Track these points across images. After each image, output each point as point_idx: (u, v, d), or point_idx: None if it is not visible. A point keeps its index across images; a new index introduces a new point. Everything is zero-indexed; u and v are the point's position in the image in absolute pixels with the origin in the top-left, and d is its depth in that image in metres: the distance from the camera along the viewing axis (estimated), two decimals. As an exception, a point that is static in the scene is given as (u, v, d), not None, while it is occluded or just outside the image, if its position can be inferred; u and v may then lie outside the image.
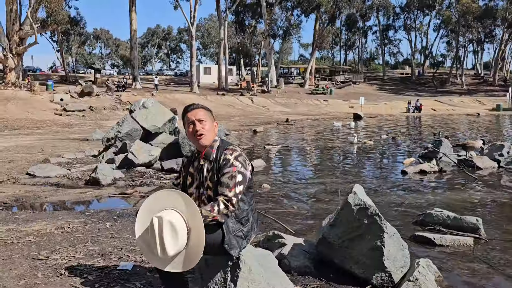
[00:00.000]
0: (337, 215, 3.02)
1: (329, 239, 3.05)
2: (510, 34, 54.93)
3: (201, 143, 2.39)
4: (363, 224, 2.87)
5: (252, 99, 39.77)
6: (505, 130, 19.53)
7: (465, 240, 3.75)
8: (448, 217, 4.16)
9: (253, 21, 56.13)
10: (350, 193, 3.01)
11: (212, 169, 2.38)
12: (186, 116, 2.47)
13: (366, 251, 2.86)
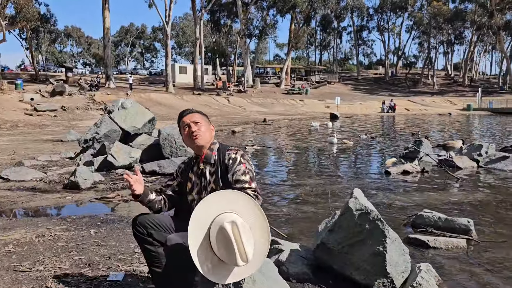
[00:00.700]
0: (337, 220, 2.95)
1: (328, 245, 2.97)
2: (479, 36, 56.69)
3: (197, 143, 2.31)
4: (364, 229, 2.81)
5: (229, 99, 39.62)
6: (477, 130, 20.06)
7: (458, 242, 3.75)
8: (440, 218, 4.16)
9: (228, 20, 55.93)
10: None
11: (216, 171, 2.29)
12: (182, 120, 2.40)
13: (367, 257, 2.80)
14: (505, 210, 5.06)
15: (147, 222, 2.34)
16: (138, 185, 2.33)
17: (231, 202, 2.04)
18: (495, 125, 23.58)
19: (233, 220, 1.93)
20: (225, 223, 1.92)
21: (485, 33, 55.73)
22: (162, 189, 2.53)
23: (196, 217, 2.03)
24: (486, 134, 17.41)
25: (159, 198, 2.46)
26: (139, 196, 2.36)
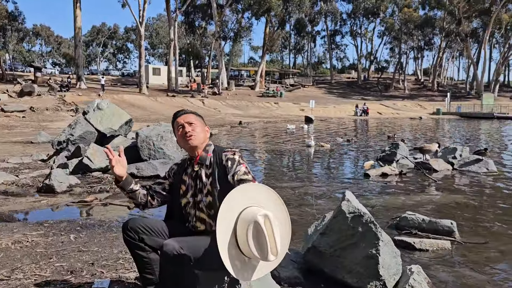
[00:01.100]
0: (329, 223, 2.93)
1: (319, 248, 2.95)
2: (447, 43, 58.45)
3: (191, 143, 2.25)
4: (357, 232, 2.80)
5: (203, 101, 39.41)
6: (448, 133, 20.60)
7: (443, 243, 3.80)
8: (424, 220, 4.21)
9: (203, 22, 55.65)
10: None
11: (213, 173, 2.23)
12: (176, 121, 2.34)
13: (360, 260, 2.79)
14: (483, 212, 5.18)
15: (138, 227, 2.25)
16: (120, 167, 2.25)
17: (255, 195, 2.00)
18: (464, 129, 24.31)
19: (265, 213, 1.89)
20: (258, 217, 1.87)
21: (453, 39, 57.51)
22: (151, 186, 2.45)
23: (222, 216, 1.94)
24: (456, 137, 17.90)
25: (144, 192, 2.39)
26: (120, 180, 2.29)
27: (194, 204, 2.29)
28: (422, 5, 58.46)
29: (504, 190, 6.55)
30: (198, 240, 2.10)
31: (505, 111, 39.33)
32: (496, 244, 3.96)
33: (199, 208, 2.26)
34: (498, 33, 57.23)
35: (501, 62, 57.67)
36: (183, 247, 1.97)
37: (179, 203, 2.36)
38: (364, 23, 62.59)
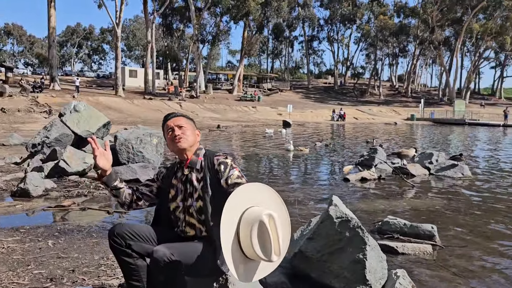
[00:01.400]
0: (316, 228, 2.93)
1: (306, 253, 2.94)
2: (421, 50, 59.89)
3: (180, 146, 2.20)
4: (344, 237, 2.81)
5: (181, 104, 39.11)
6: (422, 139, 21.05)
7: (424, 247, 3.86)
8: (405, 225, 4.27)
9: (181, 25, 55.36)
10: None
11: (204, 178, 2.18)
12: (166, 124, 2.30)
13: (347, 265, 2.79)
14: (461, 216, 5.30)
15: (125, 233, 2.19)
16: (104, 159, 2.22)
17: (256, 196, 1.97)
18: (438, 134, 24.90)
19: (270, 213, 1.88)
20: (263, 216, 1.85)
21: (427, 47, 58.98)
22: (138, 187, 2.40)
23: (225, 219, 1.90)
24: (431, 143, 18.30)
25: (129, 192, 2.34)
26: (103, 175, 2.24)
27: (184, 209, 2.25)
28: (397, 13, 59.76)
29: (479, 194, 6.72)
30: (189, 246, 2.06)
31: (476, 117, 40.53)
32: (475, 247, 4.05)
33: (189, 213, 2.22)
34: (469, 42, 59.05)
35: (472, 70, 59.47)
36: (174, 253, 1.93)
37: (167, 208, 2.31)
38: (341, 29, 63.54)
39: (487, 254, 3.88)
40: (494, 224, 4.91)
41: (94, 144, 2.18)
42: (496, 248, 4.07)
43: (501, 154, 13.50)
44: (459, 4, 52.06)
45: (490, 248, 4.06)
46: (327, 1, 60.55)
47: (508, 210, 5.67)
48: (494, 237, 4.43)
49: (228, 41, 79.25)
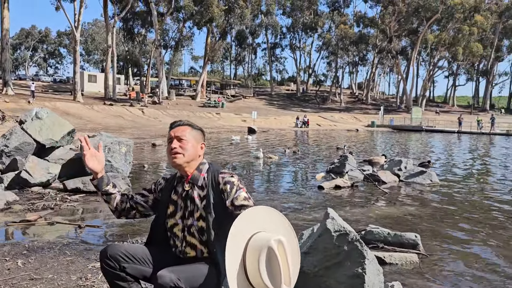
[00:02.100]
0: (313, 242, 2.84)
1: (302, 269, 2.84)
2: (380, 59, 61.80)
3: (174, 162, 2.05)
4: (342, 251, 2.73)
5: (143, 110, 38.29)
6: (385, 145, 21.58)
7: (410, 257, 3.87)
8: (389, 234, 4.27)
9: (143, 29, 54.37)
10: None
11: (207, 197, 2.03)
12: (169, 133, 2.15)
13: (345, 279, 2.72)
14: (438, 223, 5.39)
15: (119, 255, 2.01)
16: (94, 161, 2.08)
17: (264, 220, 1.83)
18: (398, 141, 25.64)
19: (279, 239, 1.74)
20: (272, 242, 1.71)
21: (385, 56, 60.92)
22: (133, 195, 2.23)
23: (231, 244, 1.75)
24: (394, 149, 18.78)
25: (122, 199, 2.19)
26: (94, 178, 2.12)
27: (184, 227, 2.09)
28: (357, 23, 61.37)
29: (451, 200, 6.89)
30: (194, 269, 1.91)
31: (432, 124, 42.14)
32: (458, 255, 4.10)
33: (190, 232, 2.06)
34: (424, 52, 61.50)
35: (427, 79, 61.94)
36: (180, 278, 1.77)
37: (164, 224, 2.15)
38: (303, 37, 64.51)
39: (470, 262, 3.94)
40: (470, 230, 5.02)
41: (85, 143, 2.04)
42: (478, 255, 4.14)
43: (458, 160, 14.03)
44: (415, 16, 54.19)
45: (472, 256, 4.13)
46: (289, 10, 61.36)
47: (480, 215, 5.83)
48: (473, 243, 4.51)
49: (191, 47, 78.68)
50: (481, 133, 35.95)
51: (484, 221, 5.56)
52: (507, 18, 61.83)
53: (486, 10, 56.99)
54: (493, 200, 7.03)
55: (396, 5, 52.86)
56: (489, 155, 16.74)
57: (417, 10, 52.60)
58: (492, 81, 69.22)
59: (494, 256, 4.13)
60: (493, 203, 6.76)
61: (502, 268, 3.80)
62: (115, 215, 2.23)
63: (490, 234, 4.92)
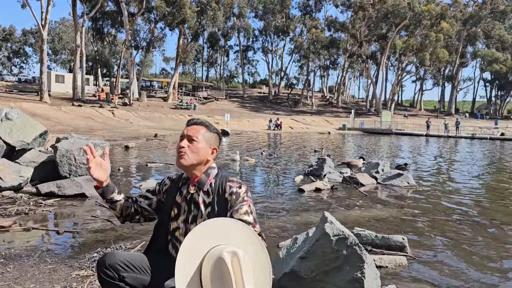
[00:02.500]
0: (311, 246, 2.79)
1: (300, 273, 2.79)
2: (350, 63, 62.90)
3: (179, 162, 1.97)
4: (341, 255, 2.70)
5: (113, 111, 37.51)
6: (359, 148, 21.92)
7: (400, 259, 3.88)
8: (376, 237, 4.28)
9: (113, 29, 53.43)
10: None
11: (212, 204, 1.95)
12: (183, 130, 2.06)
13: (344, 284, 2.69)
14: (420, 224, 5.46)
15: (118, 264, 1.91)
16: (100, 170, 1.96)
17: (229, 233, 1.72)
18: (370, 143, 26.09)
19: (234, 250, 1.62)
20: (225, 253, 1.60)
21: (355, 60, 62.09)
22: (137, 199, 2.12)
23: (185, 251, 1.67)
24: (368, 152, 19.09)
25: (127, 204, 2.08)
26: (99, 186, 2.00)
27: (186, 231, 2.00)
28: (328, 27, 62.26)
29: (429, 202, 7.02)
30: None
31: (401, 127, 43.18)
32: (444, 256, 4.15)
33: None
34: (393, 56, 63.05)
35: (396, 83, 63.53)
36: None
37: (166, 227, 2.05)
38: (275, 40, 64.92)
39: (456, 263, 3.99)
40: (452, 231, 5.11)
41: (89, 153, 1.93)
42: (462, 255, 4.20)
43: (430, 163, 14.39)
44: (384, 22, 55.51)
45: (457, 256, 4.19)
46: (261, 13, 61.60)
47: (460, 215, 5.96)
48: (456, 244, 4.59)
49: (163, 48, 77.61)
50: (448, 136, 37.12)
51: (464, 221, 5.68)
52: (470, 25, 64.32)
53: (452, 18, 59.08)
54: (469, 200, 7.21)
55: (366, 11, 53.97)
56: (458, 157, 17.26)
57: (387, 16, 53.90)
58: (457, 86, 71.70)
59: (477, 254, 4.21)
60: (468, 203, 6.94)
61: (488, 265, 3.88)
62: (119, 221, 2.13)
63: (471, 233, 5.03)
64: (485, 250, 4.41)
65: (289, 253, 3.10)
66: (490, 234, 5.09)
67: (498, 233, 5.14)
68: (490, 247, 4.52)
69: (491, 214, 6.21)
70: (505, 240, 4.84)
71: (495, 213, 6.35)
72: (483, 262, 4.05)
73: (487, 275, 3.71)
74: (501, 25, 67.98)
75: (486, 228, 5.38)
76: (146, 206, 2.10)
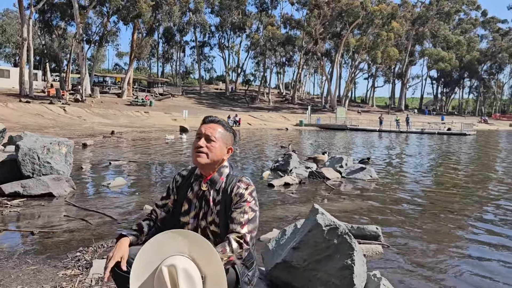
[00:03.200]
0: (304, 237, 2.92)
1: (292, 263, 2.91)
2: (306, 60, 63.98)
3: (197, 161, 2.01)
4: (332, 244, 2.84)
5: (65, 108, 36.06)
6: (317, 143, 22.45)
7: (376, 247, 4.11)
8: (352, 227, 4.49)
9: (62, 22, 51.16)
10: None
11: (222, 203, 2.02)
12: (200, 127, 2.09)
13: (335, 271, 2.83)
14: (387, 215, 5.76)
15: (132, 258, 1.92)
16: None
17: (185, 244, 1.79)
18: (327, 139, 26.78)
19: (173, 263, 1.69)
20: (163, 267, 1.68)
21: (311, 57, 63.26)
22: (155, 210, 2.14)
23: (142, 257, 1.77)
24: (327, 147, 19.62)
25: (149, 227, 2.08)
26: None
27: (197, 227, 2.06)
28: (284, 25, 62.99)
29: (391, 194, 7.40)
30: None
31: (355, 123, 44.58)
32: (415, 244, 4.43)
33: (204, 234, 2.04)
34: (347, 54, 64.80)
35: (350, 80, 65.36)
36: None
37: (177, 222, 2.09)
38: (231, 36, 64.76)
39: (425, 248, 4.28)
40: (416, 219, 5.44)
41: None
42: (429, 241, 4.51)
43: (386, 156, 15.05)
44: (339, 20, 56.92)
45: (424, 242, 4.49)
46: (218, 9, 61.23)
47: (420, 205, 6.33)
48: (422, 231, 4.90)
49: (116, 43, 75.16)
50: (400, 132, 38.76)
51: (425, 210, 6.05)
52: (419, 25, 67.30)
53: (402, 18, 61.50)
54: (426, 190, 7.66)
55: (321, 9, 55.07)
56: (411, 151, 18.12)
57: (341, 15, 55.29)
58: (406, 83, 74.82)
59: (441, 239, 4.53)
60: (426, 193, 7.38)
61: (449, 248, 4.19)
62: None
63: (432, 221, 5.38)
64: (446, 235, 4.75)
65: (279, 244, 3.21)
66: (448, 221, 5.47)
67: (453, 220, 5.54)
68: (449, 232, 4.89)
69: (445, 203, 6.66)
70: (459, 224, 5.24)
71: (448, 202, 6.82)
72: (446, 245, 4.38)
73: (450, 257, 4.02)
74: (446, 25, 71.69)
75: (443, 215, 5.77)
76: (165, 214, 2.12)
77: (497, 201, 7.05)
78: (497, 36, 78.56)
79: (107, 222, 4.89)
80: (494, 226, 5.31)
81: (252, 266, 2.15)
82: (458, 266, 3.82)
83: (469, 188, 8.28)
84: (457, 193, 7.72)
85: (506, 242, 4.64)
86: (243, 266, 2.07)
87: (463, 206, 6.45)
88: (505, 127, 63.74)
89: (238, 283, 2.00)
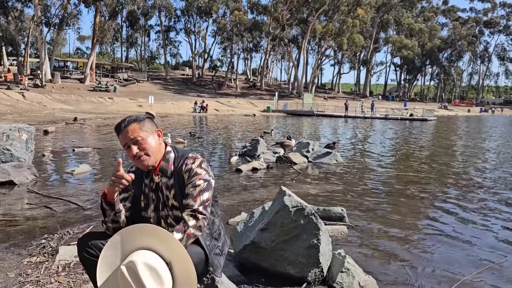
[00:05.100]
0: (272, 218, 2.98)
1: (260, 244, 2.98)
2: (273, 46, 63.95)
3: (144, 166, 1.99)
4: (299, 224, 2.93)
5: (24, 94, 34.67)
6: (282, 128, 22.66)
7: (341, 228, 4.25)
8: (318, 209, 4.61)
9: (19, 4, 48.70)
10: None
11: (174, 185, 2.02)
12: (119, 138, 2.00)
13: (302, 251, 2.92)
14: (350, 197, 5.94)
15: (102, 243, 1.91)
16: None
17: (147, 237, 1.78)
18: (294, 124, 27.05)
19: (131, 260, 1.70)
20: (121, 267, 1.70)
21: (278, 43, 63.24)
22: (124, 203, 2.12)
23: (104, 261, 1.78)
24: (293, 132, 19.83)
25: (124, 211, 2.07)
26: (111, 201, 1.97)
27: (159, 219, 2.08)
28: (251, 10, 62.50)
29: (356, 176, 7.62)
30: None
31: (322, 109, 45.14)
32: (378, 224, 4.61)
33: (167, 223, 2.06)
34: (313, 41, 65.22)
35: (316, 67, 65.96)
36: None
37: (141, 218, 2.10)
38: (198, 21, 63.71)
39: (388, 227, 4.47)
40: (382, 200, 5.64)
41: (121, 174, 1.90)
42: (392, 222, 4.70)
43: (351, 141, 15.41)
44: (305, 6, 57.03)
45: (389, 222, 4.67)
46: (183, -8, 60.05)
47: (383, 187, 6.56)
48: (387, 213, 5.09)
49: (78, 26, 72.16)
50: (365, 117, 39.61)
51: (388, 191, 6.28)
52: (383, 13, 68.40)
53: (367, 5, 62.27)
54: (389, 173, 7.94)
55: (288, -5, 54.98)
56: (375, 136, 18.61)
57: (307, 1, 55.40)
58: (371, 70, 76.27)
59: (402, 219, 4.73)
60: (389, 175, 7.65)
61: (410, 227, 4.39)
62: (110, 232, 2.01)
63: (394, 202, 5.60)
64: (408, 216, 4.97)
65: (247, 226, 3.27)
66: (410, 202, 5.71)
67: (415, 201, 5.79)
68: (410, 212, 5.11)
69: (408, 185, 6.93)
70: (421, 205, 5.48)
71: (410, 184, 7.10)
72: (407, 225, 4.59)
73: (412, 236, 4.22)
74: (409, 14, 73.21)
75: (405, 197, 6.01)
76: (129, 205, 2.10)
77: (456, 182, 7.39)
78: (457, 24, 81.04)
79: (73, 209, 4.80)
80: (454, 206, 5.58)
81: (221, 237, 2.18)
82: (420, 244, 4.01)
83: (431, 171, 8.63)
84: (419, 176, 8.03)
85: (465, 221, 4.90)
86: (211, 239, 2.09)
87: (425, 188, 6.74)
88: (464, 112, 66.34)
89: (208, 259, 2.03)
